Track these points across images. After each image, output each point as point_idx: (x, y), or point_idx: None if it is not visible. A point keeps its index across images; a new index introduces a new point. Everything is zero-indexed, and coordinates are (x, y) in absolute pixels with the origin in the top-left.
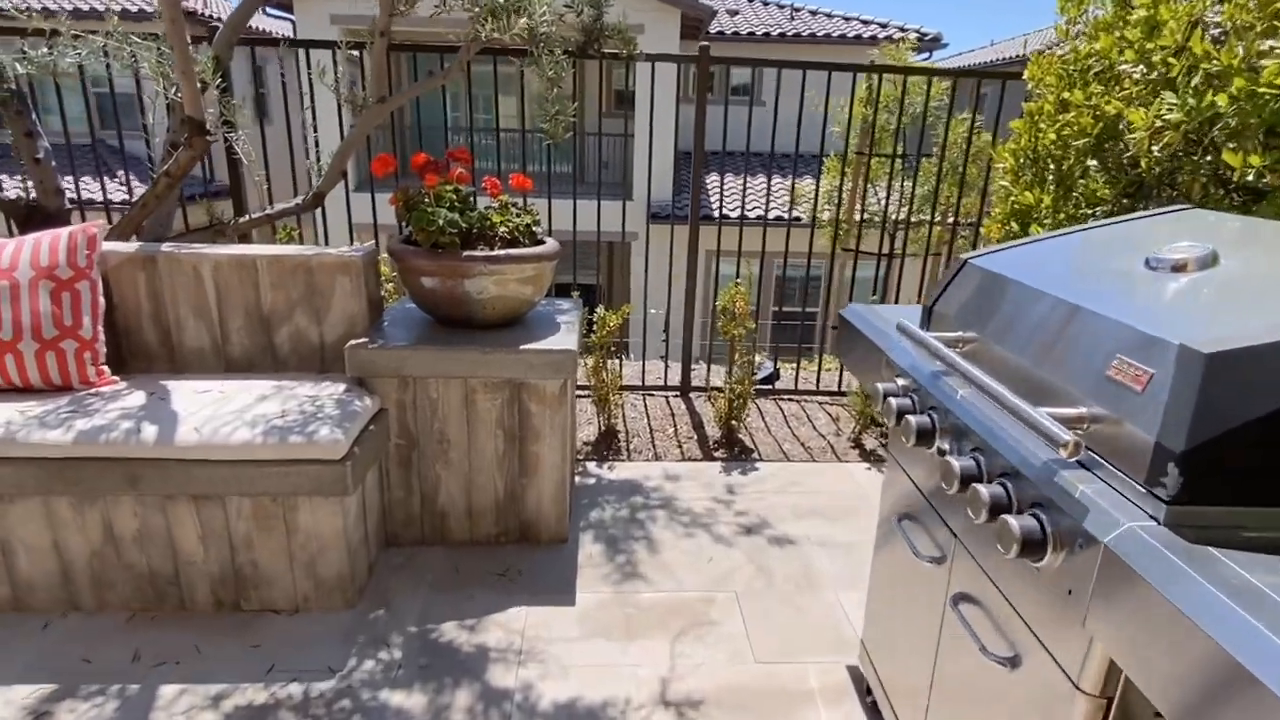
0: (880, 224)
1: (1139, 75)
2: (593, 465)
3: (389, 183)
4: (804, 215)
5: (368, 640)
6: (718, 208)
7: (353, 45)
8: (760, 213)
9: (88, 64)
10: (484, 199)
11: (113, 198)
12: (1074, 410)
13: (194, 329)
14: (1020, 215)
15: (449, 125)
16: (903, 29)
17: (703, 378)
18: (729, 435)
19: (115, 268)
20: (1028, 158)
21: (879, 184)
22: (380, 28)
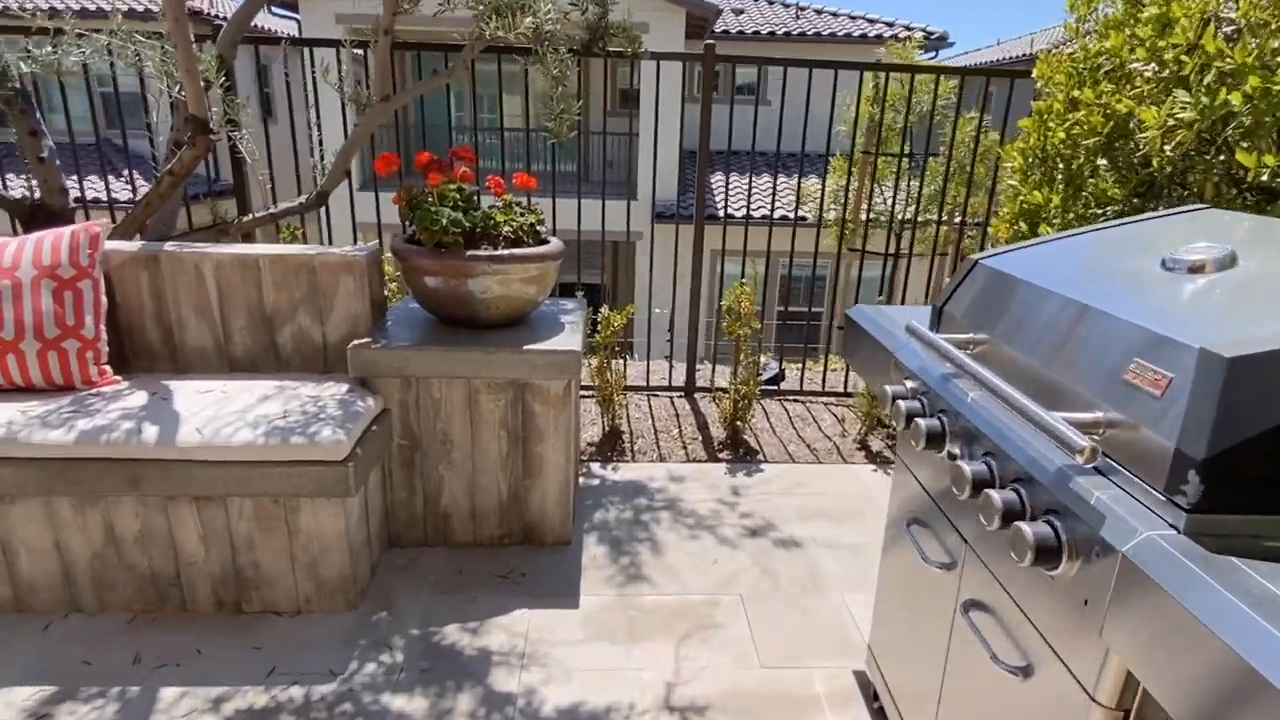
0: (887, 224)
1: (1150, 73)
2: (597, 466)
3: (393, 182)
4: (809, 215)
5: (370, 643)
6: (723, 207)
7: (357, 44)
8: (766, 212)
9: (92, 63)
10: (488, 198)
11: (117, 196)
12: (1089, 415)
13: (196, 328)
14: (1029, 215)
15: (453, 124)
16: (909, 28)
17: (707, 378)
18: (734, 436)
19: (118, 267)
20: (1036, 157)
21: (885, 183)
22: (384, 26)
